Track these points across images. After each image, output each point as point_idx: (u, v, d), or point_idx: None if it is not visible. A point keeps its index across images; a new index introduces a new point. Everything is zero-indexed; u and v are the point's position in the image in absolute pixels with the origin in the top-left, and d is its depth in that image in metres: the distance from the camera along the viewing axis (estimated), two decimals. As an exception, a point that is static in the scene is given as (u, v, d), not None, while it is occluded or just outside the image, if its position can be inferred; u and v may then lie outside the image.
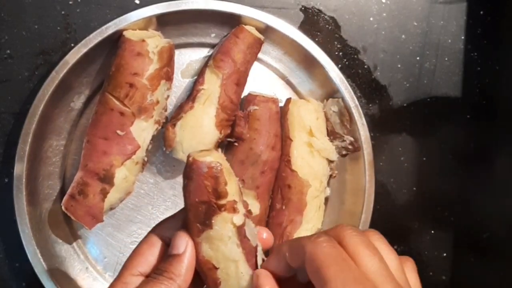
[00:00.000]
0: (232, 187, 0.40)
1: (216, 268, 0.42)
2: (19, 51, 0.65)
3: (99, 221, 0.61)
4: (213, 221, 0.40)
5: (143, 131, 0.61)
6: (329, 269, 0.34)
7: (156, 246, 0.43)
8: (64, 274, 0.63)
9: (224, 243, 0.41)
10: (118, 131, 0.59)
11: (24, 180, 0.60)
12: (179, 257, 0.41)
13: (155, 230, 0.44)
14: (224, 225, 0.40)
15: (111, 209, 0.64)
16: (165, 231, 0.43)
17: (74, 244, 0.66)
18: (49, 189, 0.64)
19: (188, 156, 0.40)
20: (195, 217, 0.40)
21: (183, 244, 0.41)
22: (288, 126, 0.64)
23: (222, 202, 0.40)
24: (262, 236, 0.45)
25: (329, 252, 0.35)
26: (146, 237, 0.44)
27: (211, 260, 0.41)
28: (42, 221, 0.63)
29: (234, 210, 0.40)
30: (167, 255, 0.42)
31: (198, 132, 0.62)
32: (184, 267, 0.41)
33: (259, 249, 0.43)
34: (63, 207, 0.61)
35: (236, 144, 0.64)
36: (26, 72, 0.66)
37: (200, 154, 0.40)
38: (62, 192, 0.65)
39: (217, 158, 0.40)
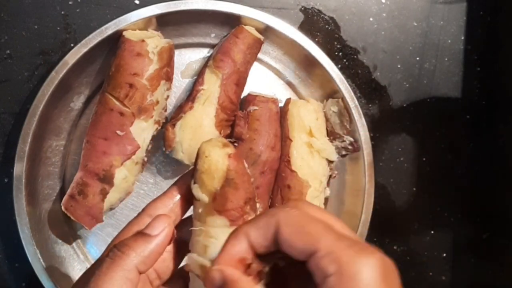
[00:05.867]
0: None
1: None
2: (19, 51, 0.65)
3: (98, 221, 0.60)
4: None
5: (143, 131, 0.60)
6: (316, 226, 0.36)
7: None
8: (64, 274, 0.63)
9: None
10: (118, 131, 0.59)
11: (23, 180, 0.60)
12: (148, 237, 0.38)
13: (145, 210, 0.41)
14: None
15: (111, 209, 0.64)
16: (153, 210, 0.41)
17: (74, 244, 0.66)
18: (49, 189, 0.64)
19: None
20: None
21: (160, 227, 0.38)
22: (287, 126, 0.64)
23: None
24: None
25: (304, 215, 0.37)
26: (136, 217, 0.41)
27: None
28: (42, 221, 0.63)
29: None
30: (137, 232, 0.39)
31: (198, 133, 0.62)
32: (149, 250, 0.37)
33: None
34: (62, 207, 0.61)
35: (235, 144, 0.64)
36: (25, 72, 0.66)
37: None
38: (62, 192, 0.65)
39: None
